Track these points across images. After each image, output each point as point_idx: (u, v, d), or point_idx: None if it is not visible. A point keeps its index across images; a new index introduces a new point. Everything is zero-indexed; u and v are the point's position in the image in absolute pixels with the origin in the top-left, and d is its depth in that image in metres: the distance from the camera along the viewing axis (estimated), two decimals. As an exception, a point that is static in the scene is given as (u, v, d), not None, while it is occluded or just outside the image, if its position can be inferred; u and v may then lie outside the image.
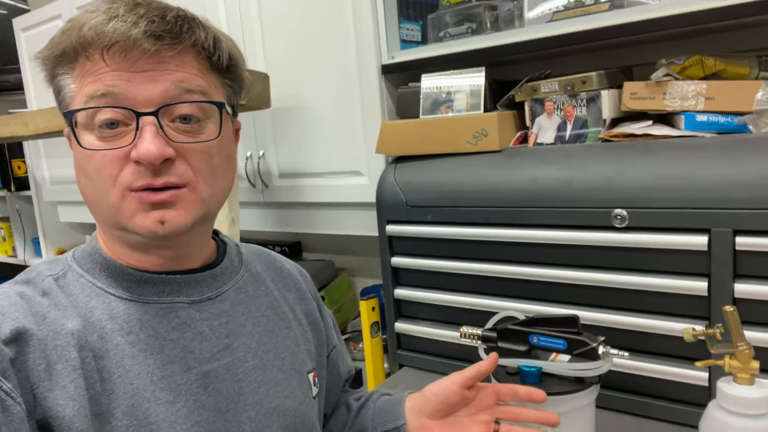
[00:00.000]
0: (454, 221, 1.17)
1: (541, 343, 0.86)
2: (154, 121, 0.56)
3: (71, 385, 0.53)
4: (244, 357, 0.65)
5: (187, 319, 0.62)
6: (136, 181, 0.56)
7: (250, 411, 0.64)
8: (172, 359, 0.60)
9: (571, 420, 0.83)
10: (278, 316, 0.72)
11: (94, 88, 0.56)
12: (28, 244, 2.68)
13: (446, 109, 1.26)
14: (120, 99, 0.55)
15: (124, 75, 0.55)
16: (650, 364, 0.98)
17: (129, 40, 0.54)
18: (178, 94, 0.57)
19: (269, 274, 0.77)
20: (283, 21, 1.51)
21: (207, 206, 0.61)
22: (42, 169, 2.38)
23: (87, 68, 0.56)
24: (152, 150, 0.55)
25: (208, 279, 0.66)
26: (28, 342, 0.52)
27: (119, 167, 0.56)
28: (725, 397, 0.75)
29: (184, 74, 0.57)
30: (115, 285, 0.61)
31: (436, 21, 1.36)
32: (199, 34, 0.58)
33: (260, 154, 1.62)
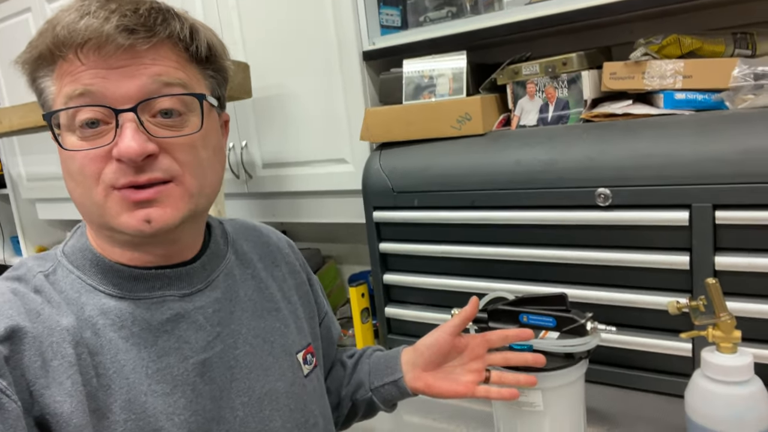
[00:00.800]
0: (441, 205, 1.18)
1: (530, 322, 0.88)
2: (133, 117, 0.55)
3: (68, 382, 0.53)
4: (234, 344, 0.66)
5: (180, 310, 0.62)
6: (119, 179, 0.55)
7: (243, 396, 0.65)
8: (167, 351, 0.60)
9: (561, 395, 0.85)
10: (265, 299, 0.72)
11: (71, 88, 0.55)
12: (7, 243, 2.64)
13: (429, 94, 1.27)
14: (98, 97, 0.55)
15: (101, 72, 0.54)
16: (636, 338, 1.01)
17: (102, 36, 0.53)
18: (157, 88, 0.56)
19: (256, 251, 0.76)
20: (261, 10, 1.49)
21: (196, 201, 0.60)
22: (18, 166, 2.33)
23: (64, 69, 0.56)
24: (132, 146, 0.54)
25: (198, 270, 0.65)
26: (22, 340, 0.52)
27: (101, 166, 0.56)
28: (709, 366, 0.78)
29: (162, 67, 0.56)
30: (105, 282, 0.60)
31: (416, 5, 1.36)
32: (174, 26, 0.57)
33: (243, 145, 1.61)
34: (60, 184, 2.17)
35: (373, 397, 0.84)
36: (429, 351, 0.82)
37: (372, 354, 0.88)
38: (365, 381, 0.84)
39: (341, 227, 1.84)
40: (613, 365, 1.05)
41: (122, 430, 0.55)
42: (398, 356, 0.84)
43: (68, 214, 2.25)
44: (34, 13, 2.04)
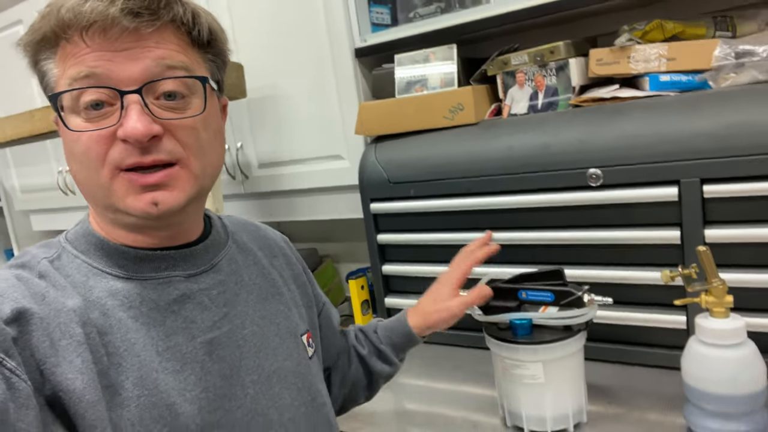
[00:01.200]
0: (437, 194, 1.21)
1: (529, 298, 0.90)
2: (138, 99, 0.56)
3: (78, 359, 0.53)
4: (242, 324, 0.67)
5: (186, 290, 0.63)
6: (124, 159, 0.56)
7: (253, 374, 0.66)
8: (175, 330, 0.61)
9: (561, 366, 0.88)
10: (269, 283, 0.74)
11: (76, 70, 0.56)
12: (1, 256, 2.63)
13: (421, 87, 1.30)
14: (102, 79, 0.55)
15: (106, 55, 0.55)
16: (632, 313, 1.03)
17: (107, 19, 0.54)
18: (161, 71, 0.57)
19: (255, 243, 0.78)
20: (253, 11, 1.52)
21: (200, 182, 0.62)
22: (11, 178, 2.33)
23: (68, 51, 0.56)
24: (138, 127, 0.55)
25: (201, 252, 0.67)
26: (29, 321, 0.52)
27: (107, 146, 0.56)
28: (703, 331, 0.80)
29: (165, 51, 0.57)
30: (111, 264, 0.61)
31: (406, 2, 1.39)
32: (177, 9, 0.58)
33: (238, 146, 1.63)
34: (54, 194, 2.17)
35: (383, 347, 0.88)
36: (438, 317, 0.88)
37: (378, 326, 0.92)
38: (389, 354, 0.89)
39: (338, 226, 1.86)
40: (611, 342, 1.07)
41: (136, 405, 0.56)
42: (405, 322, 0.89)
43: (63, 225, 2.25)
44: (25, 26, 2.05)
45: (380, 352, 0.88)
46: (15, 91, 2.10)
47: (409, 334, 0.87)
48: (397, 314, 0.91)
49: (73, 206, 2.14)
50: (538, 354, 0.87)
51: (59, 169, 2.10)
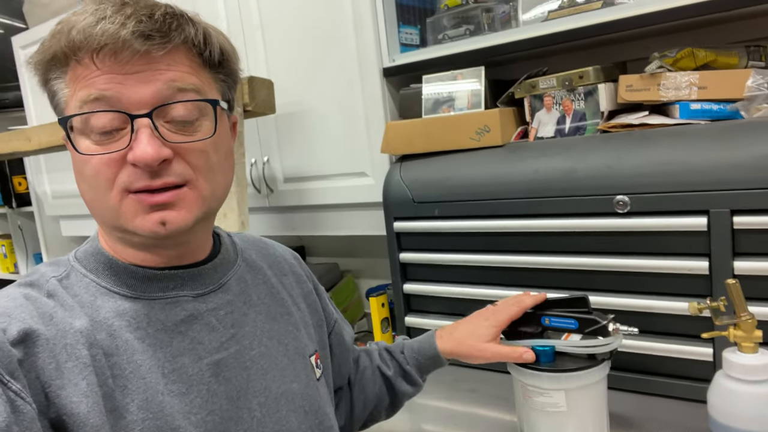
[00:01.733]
0: (461, 215, 1.21)
1: (553, 324, 0.89)
2: (148, 122, 0.56)
3: (83, 382, 0.53)
4: (249, 345, 0.67)
5: (194, 311, 0.63)
6: (134, 183, 0.56)
7: (260, 397, 0.65)
8: (181, 351, 0.61)
9: (584, 395, 0.87)
10: (277, 303, 0.74)
11: (86, 92, 0.55)
12: (30, 259, 2.69)
13: (448, 108, 1.30)
14: (113, 102, 0.55)
15: (116, 78, 0.55)
16: (657, 344, 1.02)
17: (118, 42, 0.53)
18: (171, 93, 0.57)
19: (265, 261, 0.78)
20: (284, 29, 1.55)
21: (208, 204, 0.62)
22: (43, 184, 2.39)
23: (78, 72, 0.56)
24: (149, 152, 0.55)
25: (210, 271, 0.67)
26: (36, 342, 0.52)
27: (116, 170, 0.56)
28: (731, 366, 0.79)
29: (176, 73, 0.57)
30: (119, 283, 0.61)
31: (435, 24, 1.41)
32: (188, 31, 0.57)
33: (265, 160, 1.65)
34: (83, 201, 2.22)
35: (406, 367, 0.87)
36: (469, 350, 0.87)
37: (404, 346, 0.91)
38: (414, 375, 0.88)
39: (359, 241, 1.87)
40: (635, 371, 1.05)
41: (140, 429, 0.56)
42: (434, 346, 0.88)
43: (90, 231, 2.29)
44: (64, 36, 2.11)
45: (406, 374, 0.87)
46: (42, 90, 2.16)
47: (436, 357, 0.87)
48: (424, 335, 0.90)
49: (102, 213, 2.18)
50: (561, 382, 0.86)
51: (90, 177, 2.15)
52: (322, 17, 1.46)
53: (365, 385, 0.88)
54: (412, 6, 1.47)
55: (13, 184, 2.56)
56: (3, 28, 2.53)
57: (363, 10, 1.39)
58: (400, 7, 1.42)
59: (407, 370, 0.87)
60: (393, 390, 0.88)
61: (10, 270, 2.77)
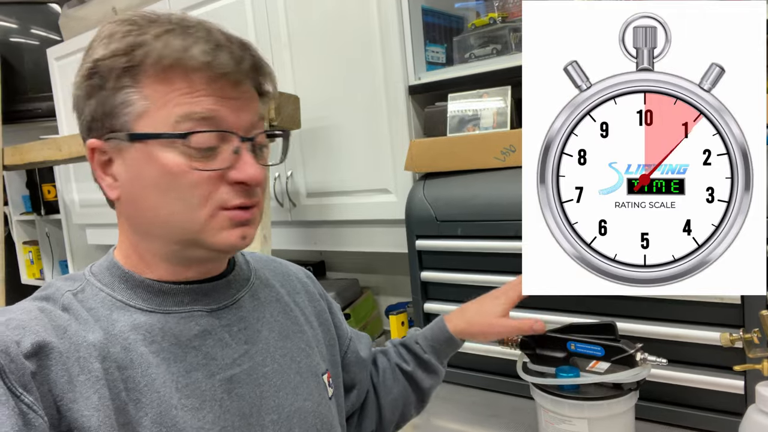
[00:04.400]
0: (484, 235, 1.19)
1: (578, 350, 0.87)
2: (249, 146, 0.60)
3: (95, 396, 0.53)
4: (263, 362, 0.67)
5: (208, 326, 0.63)
6: (232, 200, 0.59)
7: (273, 414, 0.65)
8: (195, 366, 0.61)
9: (608, 426, 0.84)
10: (290, 321, 0.74)
11: (191, 109, 0.57)
12: (56, 266, 2.74)
13: (473, 126, 1.30)
14: (221, 123, 0.58)
15: (219, 101, 0.58)
16: (686, 374, 0.98)
17: (240, 73, 0.58)
18: (257, 122, 0.62)
19: (278, 279, 0.78)
20: (311, 46, 1.56)
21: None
22: (72, 192, 2.44)
23: (177, 87, 0.56)
24: (258, 172, 0.60)
25: (224, 287, 0.67)
26: (49, 355, 0.52)
27: (215, 187, 0.59)
28: (764, 400, 0.76)
29: (257, 103, 0.62)
30: (135, 297, 0.62)
31: (462, 43, 1.41)
32: (267, 69, 0.63)
33: (288, 174, 1.66)
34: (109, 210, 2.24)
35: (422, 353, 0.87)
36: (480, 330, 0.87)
37: (417, 336, 0.91)
38: (433, 364, 0.88)
39: (379, 258, 1.87)
40: (662, 402, 1.02)
41: None
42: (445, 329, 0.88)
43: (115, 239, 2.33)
44: (97, 49, 2.17)
45: (426, 364, 0.86)
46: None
47: (450, 339, 0.86)
48: (433, 321, 0.89)
49: (127, 223, 2.21)
50: (584, 411, 0.84)
51: (116, 187, 2.19)
52: (350, 34, 1.48)
53: (389, 387, 0.87)
54: (439, 24, 1.48)
55: (42, 192, 2.62)
56: (39, 39, 2.60)
57: (390, 28, 1.40)
58: (427, 25, 1.43)
59: (426, 359, 0.86)
60: (416, 385, 0.87)
61: (36, 276, 2.82)
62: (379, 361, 0.90)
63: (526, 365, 0.92)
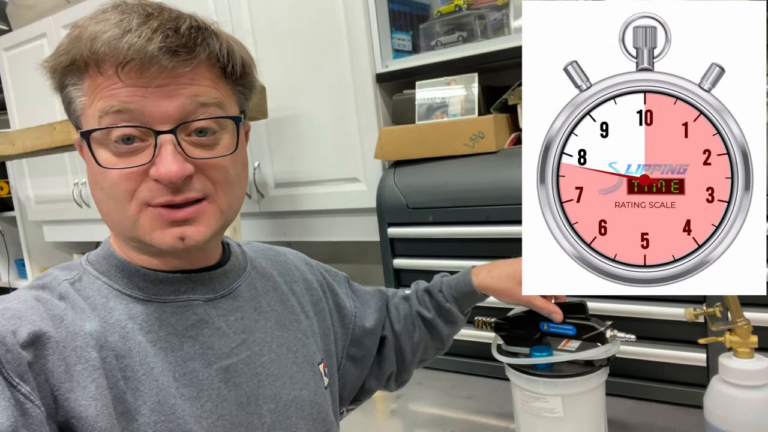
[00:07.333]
0: (455, 221, 1.21)
1: (551, 330, 0.90)
2: (172, 139, 0.56)
3: (92, 385, 0.53)
4: (260, 351, 0.67)
5: (204, 315, 0.63)
6: (155, 197, 0.56)
7: (270, 403, 0.65)
8: (192, 356, 0.61)
9: (581, 402, 0.87)
10: (287, 310, 0.74)
11: (108, 103, 0.55)
12: (12, 265, 2.64)
13: (441, 114, 1.31)
14: (137, 116, 0.55)
15: (139, 91, 0.54)
16: (652, 349, 1.03)
17: (145, 57, 0.53)
18: (194, 109, 0.56)
19: (275, 268, 0.78)
20: (276, 34, 1.54)
21: (225, 217, 0.62)
22: (26, 188, 2.35)
23: (99, 82, 0.55)
24: (173, 169, 0.55)
25: (221, 276, 0.67)
26: (46, 345, 0.52)
27: (137, 183, 0.56)
28: (728, 371, 0.79)
29: (199, 87, 0.57)
30: (131, 286, 0.61)
31: (428, 30, 1.41)
32: (213, 46, 0.57)
33: (255, 165, 1.64)
34: (69, 206, 2.19)
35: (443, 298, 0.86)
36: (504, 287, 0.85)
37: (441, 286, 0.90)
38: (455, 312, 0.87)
39: (349, 247, 1.87)
40: (630, 377, 1.06)
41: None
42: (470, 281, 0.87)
43: (75, 236, 2.26)
44: (49, 39, 2.09)
45: (447, 312, 0.87)
46: (35, 103, 2.13)
47: (473, 293, 0.86)
48: (461, 271, 0.89)
49: (87, 219, 2.15)
50: (558, 388, 0.86)
51: (75, 181, 2.12)
52: (315, 22, 1.46)
53: (410, 332, 0.88)
54: (404, 12, 1.47)
55: (-6, 189, 2.52)
56: (-15, 29, 2.49)
57: (356, 15, 1.39)
58: (392, 13, 1.43)
59: (447, 308, 0.86)
60: (436, 332, 0.88)
61: (-9, 277, 2.71)
62: (401, 308, 0.90)
63: (501, 347, 0.94)
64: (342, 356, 0.83)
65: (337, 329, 0.83)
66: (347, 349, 0.83)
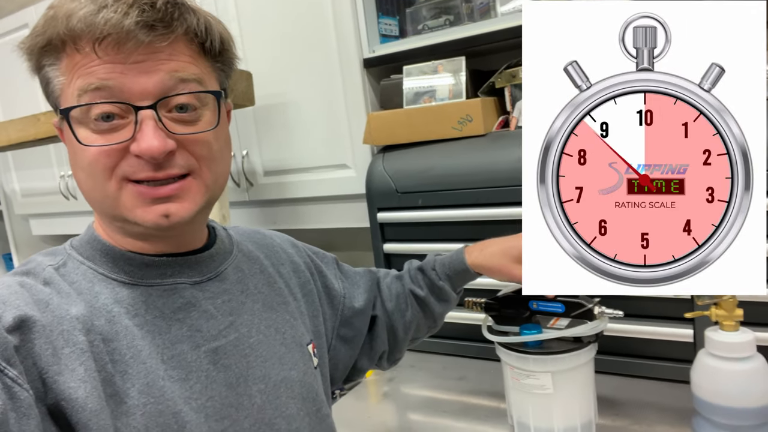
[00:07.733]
0: (444, 204, 1.21)
1: (540, 308, 0.91)
2: (152, 114, 0.55)
3: (81, 368, 0.53)
4: (248, 333, 0.67)
5: (191, 298, 0.63)
6: (137, 173, 0.56)
7: (260, 384, 0.66)
8: (180, 338, 0.61)
9: (571, 378, 0.88)
10: (275, 292, 0.74)
11: (86, 81, 0.54)
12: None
13: (429, 98, 1.31)
14: (115, 92, 0.55)
15: (117, 67, 0.54)
16: (639, 326, 1.04)
17: (122, 32, 0.53)
18: (174, 84, 0.56)
19: (262, 251, 0.78)
20: (262, 20, 1.53)
21: (211, 192, 0.62)
22: (12, 182, 2.33)
23: (77, 60, 0.55)
24: (155, 145, 0.55)
25: (207, 259, 0.67)
26: (32, 329, 0.52)
27: (117, 159, 0.56)
28: (714, 344, 0.81)
29: (178, 63, 0.57)
30: (117, 270, 0.61)
31: (414, 14, 1.41)
32: (190, 21, 0.57)
33: (244, 154, 1.63)
34: (55, 199, 2.17)
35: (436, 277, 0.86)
36: None
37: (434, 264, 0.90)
38: (447, 291, 0.87)
39: (340, 234, 1.87)
40: (618, 354, 1.08)
41: (141, 414, 0.55)
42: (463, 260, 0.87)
43: (63, 230, 2.24)
44: (32, 29, 2.05)
45: (440, 290, 0.87)
46: (19, 95, 2.10)
47: (466, 271, 0.86)
48: (455, 250, 0.89)
49: (75, 211, 2.13)
50: (547, 364, 0.87)
51: (61, 174, 2.10)
52: (301, 7, 1.45)
53: (402, 310, 0.88)
54: (391, -4, 1.47)
55: (-21, 183, 2.48)
56: (-35, 21, 2.44)
57: (342, 0, 1.38)
58: (379, -3, 1.42)
59: (440, 286, 0.87)
60: (428, 310, 0.88)
61: (-22, 271, 2.68)
62: (393, 287, 0.90)
63: (491, 327, 0.95)
64: (332, 337, 0.83)
65: (326, 310, 0.83)
66: (337, 330, 0.84)
